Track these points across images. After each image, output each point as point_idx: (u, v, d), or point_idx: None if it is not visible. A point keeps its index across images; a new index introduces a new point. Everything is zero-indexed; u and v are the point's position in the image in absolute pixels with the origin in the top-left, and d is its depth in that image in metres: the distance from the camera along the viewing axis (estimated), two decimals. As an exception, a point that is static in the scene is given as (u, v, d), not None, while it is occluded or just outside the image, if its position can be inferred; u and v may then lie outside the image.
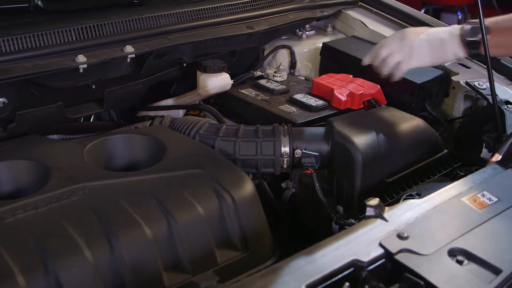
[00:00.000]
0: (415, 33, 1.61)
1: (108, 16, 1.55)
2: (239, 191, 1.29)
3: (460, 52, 1.58)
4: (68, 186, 1.25)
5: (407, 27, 2.11)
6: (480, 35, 1.51)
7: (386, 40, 1.65)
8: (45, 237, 1.11)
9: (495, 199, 1.21)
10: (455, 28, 1.60)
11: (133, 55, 1.49)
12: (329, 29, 2.21)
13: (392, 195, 1.47)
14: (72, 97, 1.60)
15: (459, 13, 5.87)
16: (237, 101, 1.79)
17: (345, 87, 1.74)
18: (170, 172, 1.33)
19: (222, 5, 1.80)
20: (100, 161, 1.42)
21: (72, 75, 1.45)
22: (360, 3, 2.23)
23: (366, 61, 1.67)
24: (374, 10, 2.19)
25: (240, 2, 1.84)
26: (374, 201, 1.13)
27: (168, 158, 1.39)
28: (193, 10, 1.72)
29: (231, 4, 1.82)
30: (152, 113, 1.86)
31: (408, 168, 1.54)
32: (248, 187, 1.32)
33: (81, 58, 1.41)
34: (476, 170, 1.39)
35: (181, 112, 1.88)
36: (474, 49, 1.56)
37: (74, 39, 1.48)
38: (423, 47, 1.58)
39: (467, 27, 1.56)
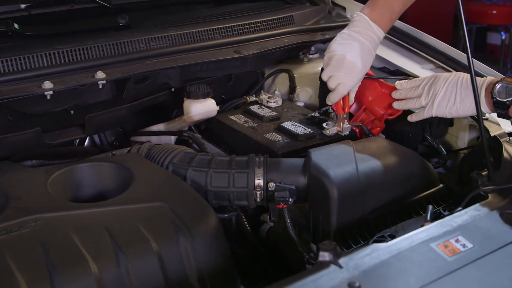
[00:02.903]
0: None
1: (83, 41, 1.52)
2: (199, 227, 1.22)
3: (484, 109, 1.46)
4: (21, 218, 1.21)
5: (414, 51, 2.01)
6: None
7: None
8: (-14, 271, 1.07)
9: (470, 246, 1.09)
10: (484, 81, 1.47)
11: (104, 81, 1.45)
12: (333, 52, 2.11)
13: (374, 233, 1.38)
14: (50, 123, 1.57)
15: (502, 33, 5.65)
16: (225, 128, 1.73)
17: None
18: (130, 204, 1.28)
19: (209, 29, 1.74)
20: (67, 191, 1.38)
21: (43, 101, 1.42)
22: (367, 25, 2.13)
23: None
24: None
25: (229, 26, 1.77)
26: (329, 245, 1.04)
27: (132, 189, 1.33)
28: (177, 34, 1.67)
29: (219, 28, 1.76)
30: (144, 138, 1.84)
31: (395, 204, 1.44)
32: (211, 222, 1.25)
33: (47, 84, 1.38)
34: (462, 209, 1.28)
35: (172, 138, 1.83)
36: (503, 110, 1.43)
37: (45, 64, 1.45)
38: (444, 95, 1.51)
39: (498, 85, 1.42)
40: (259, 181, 1.41)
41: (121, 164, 1.42)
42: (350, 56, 1.55)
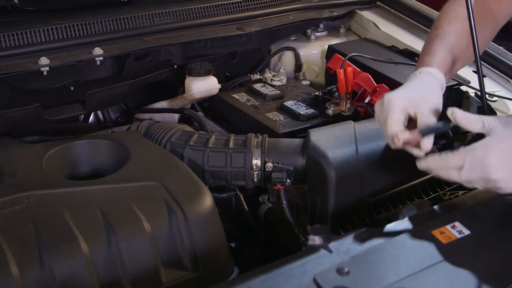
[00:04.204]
0: None
1: (83, 17, 1.50)
2: (193, 207, 1.21)
3: None
4: (15, 194, 1.20)
5: (423, 29, 1.96)
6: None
7: None
8: (-24, 248, 1.07)
9: (466, 232, 1.06)
10: None
11: (101, 58, 1.43)
12: (342, 30, 2.08)
13: (373, 216, 1.35)
14: (51, 99, 1.56)
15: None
16: (227, 106, 1.71)
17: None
18: (125, 182, 1.27)
19: (212, 5, 1.71)
20: (63, 167, 1.38)
21: (41, 77, 1.41)
22: (378, 2, 2.09)
23: None
24: (392, 11, 2.04)
25: (232, 2, 1.74)
26: (320, 229, 1.02)
27: (127, 168, 1.32)
28: (178, 10, 1.65)
29: (222, 4, 1.73)
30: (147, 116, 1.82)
31: (397, 187, 1.41)
32: (205, 202, 1.23)
33: (43, 60, 1.37)
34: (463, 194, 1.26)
35: (176, 116, 1.81)
36: None
37: (43, 40, 1.43)
38: None
39: None
40: (256, 161, 1.38)
41: (118, 142, 1.40)
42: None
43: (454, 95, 1.69)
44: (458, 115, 1.13)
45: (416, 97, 1.21)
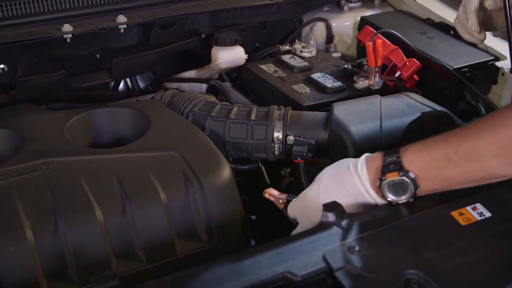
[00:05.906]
0: None
1: (108, -17, 1.49)
2: (210, 178, 1.20)
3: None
4: (34, 160, 1.22)
5: (460, 1, 1.87)
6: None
7: None
8: (-8, 212, 1.09)
9: (487, 215, 1.02)
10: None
11: (125, 26, 1.42)
12: (377, 1, 2.01)
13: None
14: (77, 66, 1.56)
15: None
16: (253, 77, 1.68)
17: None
18: (144, 152, 1.26)
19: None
20: (84, 135, 1.39)
21: (65, 44, 1.41)
22: (416, -28, 2.01)
23: None
24: (431, -19, 1.96)
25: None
26: (334, 205, 1.00)
27: (147, 137, 1.32)
28: (205, -23, 1.61)
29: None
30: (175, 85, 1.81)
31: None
32: (223, 174, 1.22)
33: (66, 27, 1.37)
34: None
35: (203, 86, 1.80)
36: None
37: (67, 7, 1.43)
38: None
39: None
40: (278, 134, 1.36)
41: (140, 111, 1.40)
42: None
43: (489, 72, 1.61)
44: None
45: None
